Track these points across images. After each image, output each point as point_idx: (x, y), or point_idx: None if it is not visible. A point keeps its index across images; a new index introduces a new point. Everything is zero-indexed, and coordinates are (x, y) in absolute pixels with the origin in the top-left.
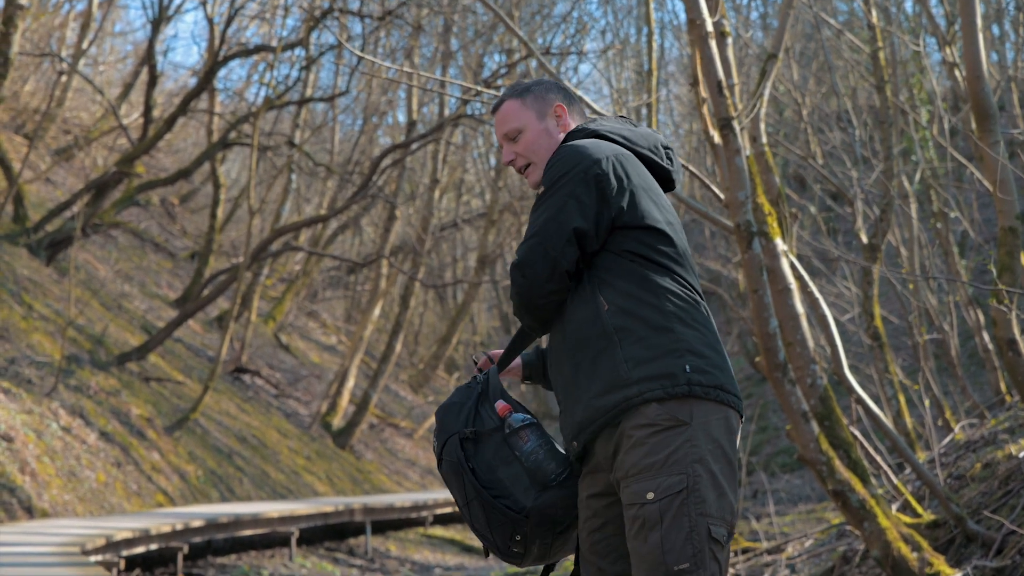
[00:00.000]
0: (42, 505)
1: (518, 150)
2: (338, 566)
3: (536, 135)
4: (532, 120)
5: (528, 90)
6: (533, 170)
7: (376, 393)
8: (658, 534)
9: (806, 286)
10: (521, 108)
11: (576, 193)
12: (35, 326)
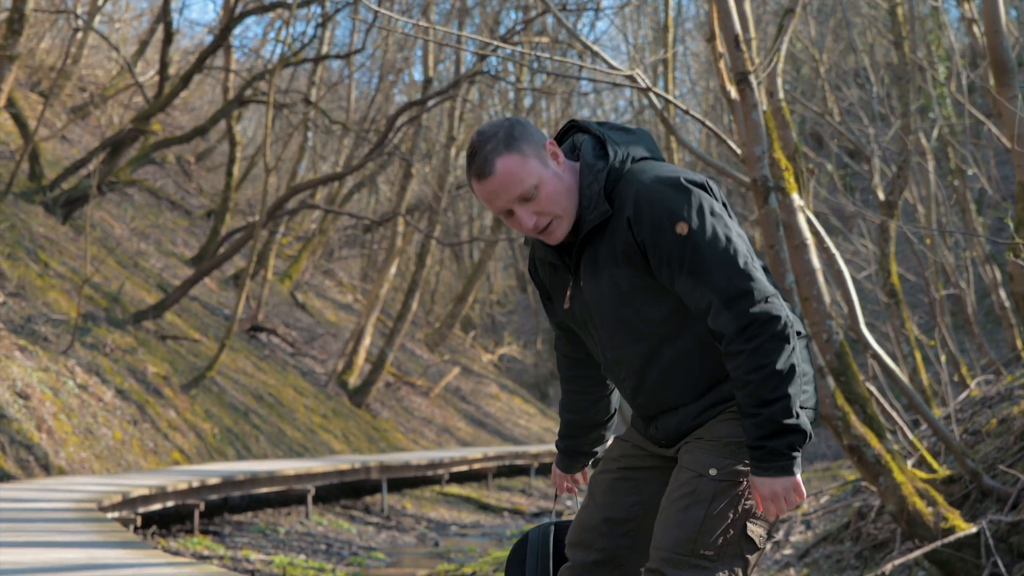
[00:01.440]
0: (59, 462)
1: (540, 209)
2: (354, 524)
3: (553, 185)
4: (541, 170)
5: (513, 138)
6: (559, 224)
7: (392, 351)
8: (702, 512)
9: (823, 242)
10: (523, 161)
11: (713, 208)
12: (51, 284)
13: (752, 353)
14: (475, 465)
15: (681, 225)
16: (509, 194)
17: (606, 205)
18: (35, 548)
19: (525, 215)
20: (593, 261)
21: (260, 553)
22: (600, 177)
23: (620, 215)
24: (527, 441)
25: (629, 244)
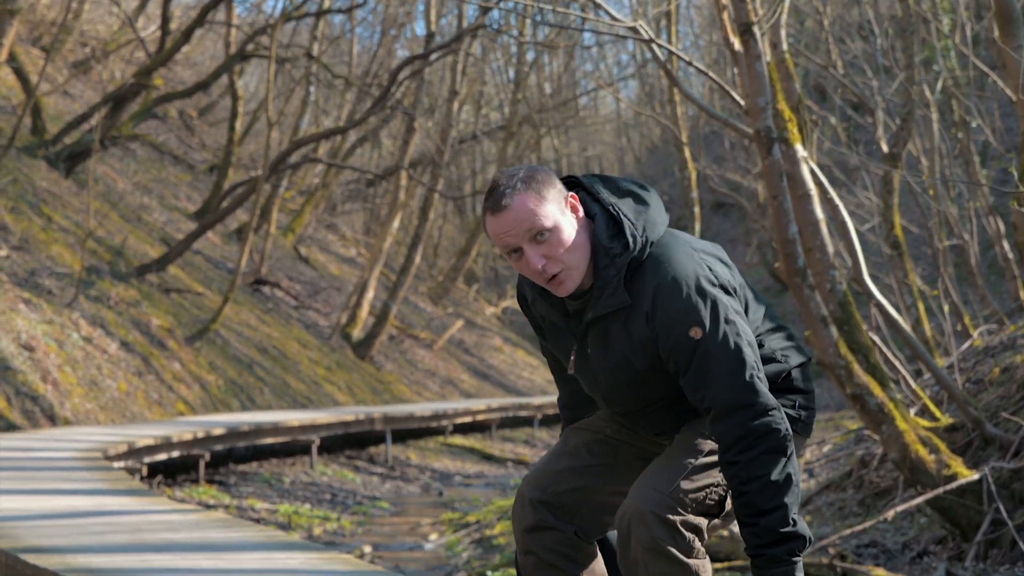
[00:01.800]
0: (64, 414)
1: (549, 253)
2: (359, 474)
3: (568, 234)
4: (558, 215)
5: (534, 180)
6: (568, 276)
7: (395, 304)
8: (692, 461)
9: (826, 192)
10: (540, 201)
11: (728, 310)
12: (55, 237)
13: (748, 464)
14: (479, 416)
15: (695, 330)
16: (521, 229)
17: (625, 295)
18: (42, 495)
19: (534, 256)
20: (604, 337)
21: (265, 502)
22: (619, 264)
23: (638, 307)
24: (530, 393)
25: (645, 336)
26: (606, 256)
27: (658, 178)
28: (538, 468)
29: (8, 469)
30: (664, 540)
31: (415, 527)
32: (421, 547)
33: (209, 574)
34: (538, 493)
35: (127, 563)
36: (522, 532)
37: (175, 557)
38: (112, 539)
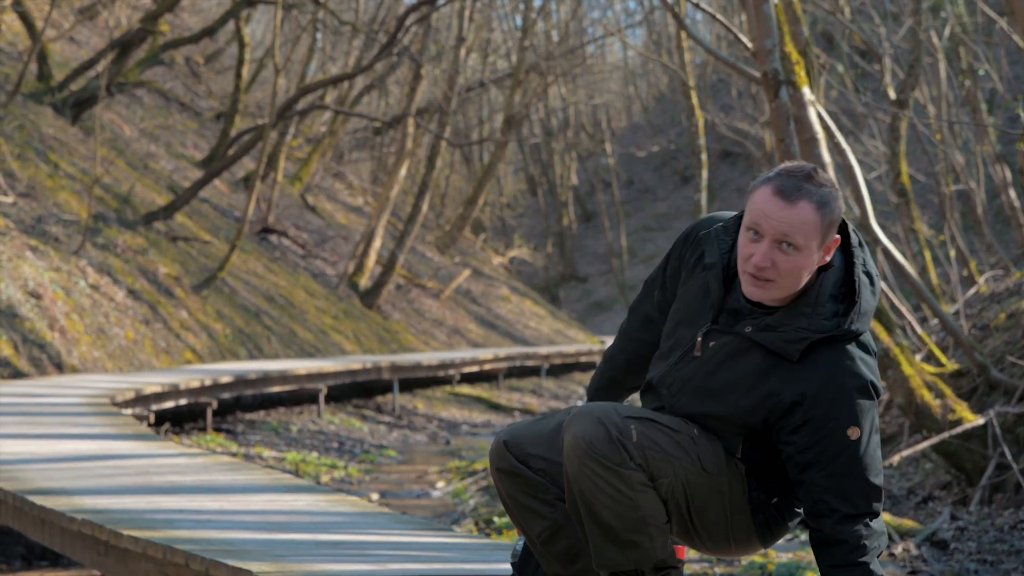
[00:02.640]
0: (71, 361)
1: (779, 262)
2: (366, 423)
3: (807, 265)
4: (814, 247)
5: (829, 206)
6: (770, 288)
7: (403, 253)
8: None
9: (833, 136)
10: (815, 226)
11: (878, 443)
12: (61, 184)
13: (855, 567)
14: (486, 366)
15: (854, 430)
16: (781, 228)
17: (797, 352)
18: (50, 440)
19: (767, 253)
20: (738, 354)
21: (272, 450)
22: (821, 325)
23: (799, 378)
24: (537, 343)
25: (777, 399)
26: (818, 306)
27: (665, 127)
28: (525, 423)
29: (15, 415)
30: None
31: (422, 475)
32: (428, 494)
33: (215, 515)
34: (513, 440)
35: (134, 504)
36: (497, 472)
37: (182, 499)
38: (119, 481)
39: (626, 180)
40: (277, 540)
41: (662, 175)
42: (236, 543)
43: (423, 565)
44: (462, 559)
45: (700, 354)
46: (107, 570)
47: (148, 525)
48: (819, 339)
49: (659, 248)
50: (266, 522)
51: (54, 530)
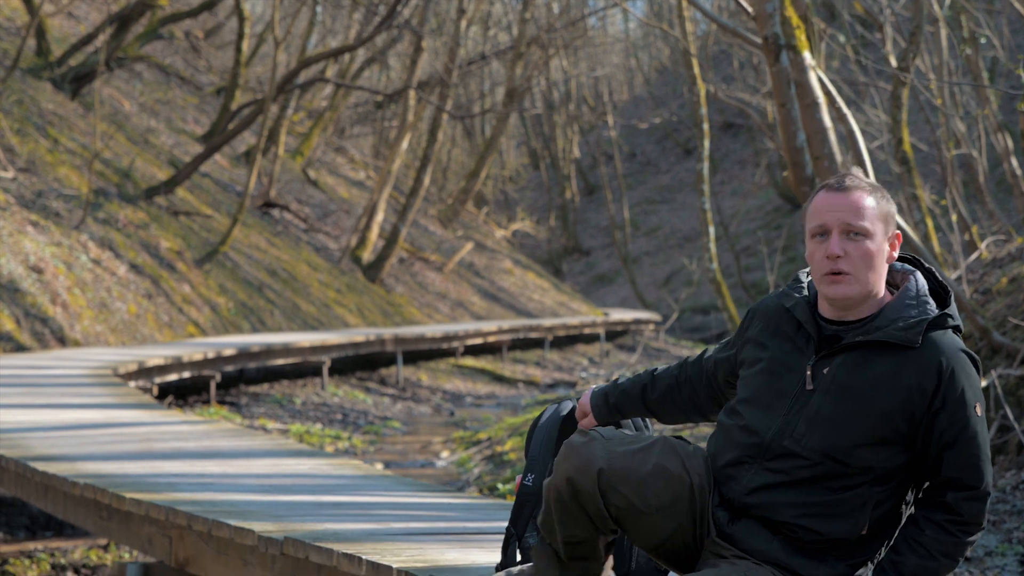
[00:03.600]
0: (74, 335)
1: (851, 251)
2: (370, 395)
3: (878, 252)
4: (880, 235)
5: (884, 197)
6: (850, 283)
7: (405, 227)
8: None
9: (834, 101)
10: (876, 212)
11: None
12: (61, 159)
13: (957, 545)
14: (490, 338)
15: (979, 407)
16: (844, 217)
17: (918, 337)
18: (52, 409)
19: (837, 243)
20: (860, 365)
21: (277, 422)
22: (927, 311)
23: (925, 358)
24: (541, 315)
25: (911, 401)
26: (915, 299)
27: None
28: (624, 454)
29: (18, 385)
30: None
31: (426, 445)
32: (432, 464)
33: (218, 479)
34: (608, 468)
35: (136, 469)
36: (569, 481)
37: (184, 464)
38: (121, 448)
39: (628, 153)
40: (279, 502)
41: (664, 147)
42: (239, 504)
43: (426, 524)
44: (465, 518)
45: (813, 387)
46: (110, 535)
47: (151, 488)
48: (932, 322)
49: (661, 221)
50: (269, 485)
51: (57, 496)
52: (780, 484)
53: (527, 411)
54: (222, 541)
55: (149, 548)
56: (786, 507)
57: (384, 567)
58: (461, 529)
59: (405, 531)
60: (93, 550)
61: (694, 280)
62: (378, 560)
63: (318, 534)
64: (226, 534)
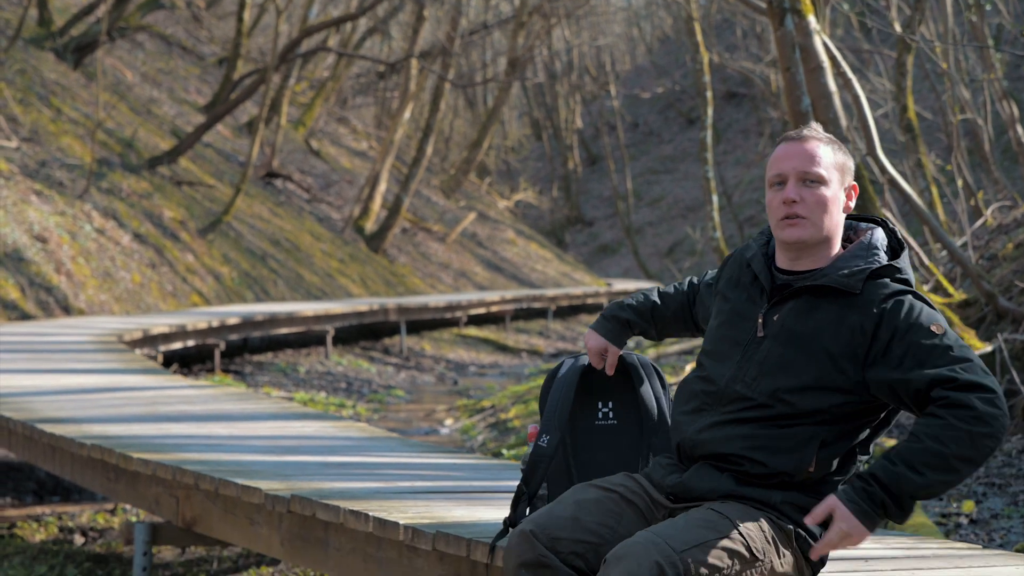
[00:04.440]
0: (79, 304)
1: (807, 197)
2: (374, 364)
3: (834, 198)
4: (836, 183)
5: (840, 148)
6: (804, 226)
7: (408, 197)
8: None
9: (839, 65)
10: (831, 161)
11: None
12: (64, 129)
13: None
14: (493, 308)
15: (937, 326)
16: (800, 164)
17: (859, 284)
18: (58, 374)
19: (793, 189)
20: (809, 310)
21: (281, 391)
22: (874, 260)
23: (865, 303)
24: (544, 285)
25: (853, 342)
26: (864, 251)
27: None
28: (543, 510)
29: (23, 351)
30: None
31: (430, 413)
32: (436, 431)
33: (225, 440)
34: (539, 529)
35: (143, 431)
36: (520, 568)
37: (190, 426)
38: (128, 411)
39: (631, 123)
40: (286, 462)
41: (667, 117)
42: (245, 464)
43: (432, 483)
44: (471, 477)
45: (764, 333)
46: (118, 496)
47: (157, 449)
48: (876, 271)
49: (664, 191)
50: (275, 446)
51: (64, 457)
52: (730, 421)
53: (530, 380)
54: (229, 500)
55: (156, 508)
56: (734, 440)
57: (391, 523)
58: (467, 488)
59: (411, 489)
60: (100, 514)
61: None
62: (385, 516)
63: (324, 492)
64: (233, 493)
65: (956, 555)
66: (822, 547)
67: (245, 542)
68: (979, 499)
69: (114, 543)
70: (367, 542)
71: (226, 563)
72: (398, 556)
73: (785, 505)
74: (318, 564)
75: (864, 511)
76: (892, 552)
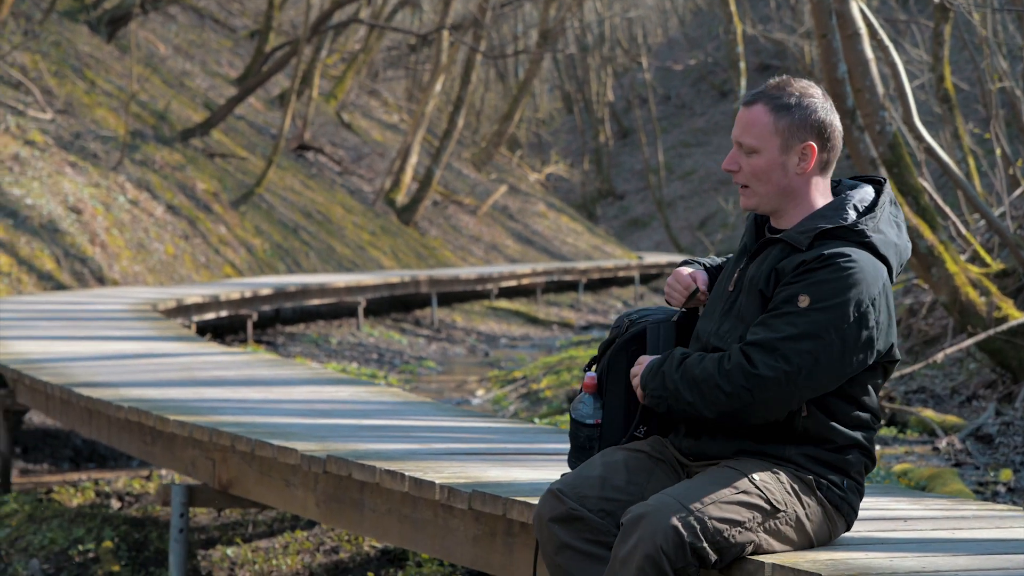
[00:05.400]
0: (112, 275)
1: (744, 166)
2: (405, 335)
3: (769, 166)
4: (774, 149)
5: (788, 110)
6: (749, 194)
7: (439, 170)
8: (726, 491)
9: (876, 32)
10: (770, 128)
11: (843, 333)
12: (98, 101)
13: (728, 381)
14: (524, 280)
15: (804, 299)
16: (737, 133)
17: (808, 241)
18: (95, 341)
19: (732, 158)
20: (758, 266)
21: (313, 361)
22: (836, 220)
23: (798, 259)
24: (575, 258)
25: (776, 279)
26: (833, 210)
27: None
28: (572, 473)
29: (60, 319)
30: (667, 554)
31: (462, 384)
32: (468, 402)
33: (260, 403)
34: (567, 488)
35: (179, 395)
36: (551, 523)
37: (226, 390)
38: (164, 376)
39: (663, 95)
40: (321, 424)
41: (699, 90)
42: (281, 427)
43: (468, 445)
44: (506, 440)
45: (733, 288)
46: (154, 459)
47: (194, 411)
48: (831, 230)
49: (696, 164)
50: (310, 409)
51: (101, 420)
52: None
53: (561, 352)
54: (265, 461)
55: (192, 471)
56: None
57: (427, 483)
58: (502, 450)
59: (447, 451)
60: (136, 480)
61: (729, 223)
62: (421, 476)
63: (360, 453)
64: (269, 454)
65: (997, 516)
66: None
67: (281, 504)
68: (1017, 468)
69: (150, 507)
70: (403, 503)
71: (261, 527)
72: (433, 516)
73: (801, 457)
74: (353, 525)
75: (653, 363)
76: (931, 513)
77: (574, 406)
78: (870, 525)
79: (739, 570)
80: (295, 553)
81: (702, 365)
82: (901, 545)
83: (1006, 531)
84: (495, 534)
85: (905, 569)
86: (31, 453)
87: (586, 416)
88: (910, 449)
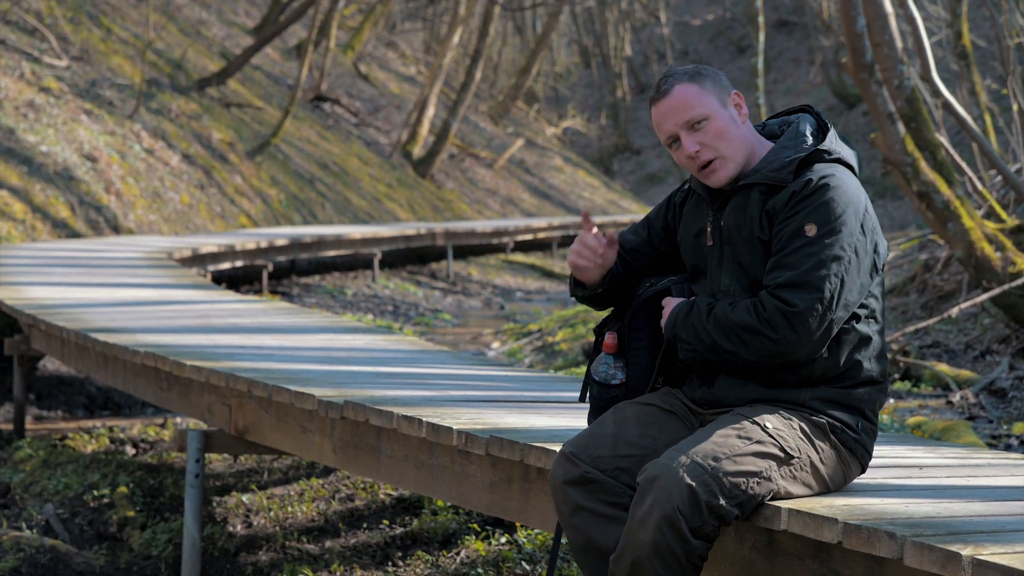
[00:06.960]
0: (128, 224)
1: (704, 140)
2: (420, 288)
3: (725, 124)
4: (716, 107)
5: (699, 75)
6: (722, 165)
7: (456, 122)
8: (742, 444)
9: None
10: (701, 93)
11: (855, 246)
12: (114, 48)
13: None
14: (539, 234)
15: (811, 227)
16: (679, 118)
17: (790, 176)
18: (110, 288)
19: (689, 143)
20: (744, 205)
21: (329, 312)
22: (802, 148)
23: (786, 192)
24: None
25: (772, 216)
26: (791, 140)
27: None
28: (583, 432)
29: (76, 266)
30: (683, 514)
31: (477, 336)
32: (484, 354)
33: (276, 350)
34: (580, 450)
35: (194, 341)
36: (566, 485)
37: (242, 337)
38: (179, 322)
39: (681, 51)
40: (338, 371)
41: (717, 45)
42: (297, 373)
43: (484, 392)
44: (523, 388)
45: (712, 242)
46: (170, 405)
47: (210, 357)
48: (806, 158)
49: None
50: (326, 357)
51: (117, 366)
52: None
53: (577, 305)
54: (282, 407)
55: (208, 417)
56: None
57: (444, 428)
58: (519, 398)
59: (464, 398)
60: (151, 427)
61: None
62: (438, 422)
63: (377, 399)
64: (286, 399)
65: (1011, 464)
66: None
67: (297, 450)
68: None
69: (165, 454)
70: (420, 449)
71: (276, 474)
72: (450, 463)
73: (815, 401)
74: (370, 472)
75: (679, 309)
76: (946, 461)
77: (595, 368)
78: (886, 472)
79: (756, 515)
80: (310, 500)
81: (736, 314)
82: (916, 491)
83: (1020, 479)
84: (512, 480)
85: (920, 515)
86: (45, 400)
87: (610, 377)
88: (924, 403)
